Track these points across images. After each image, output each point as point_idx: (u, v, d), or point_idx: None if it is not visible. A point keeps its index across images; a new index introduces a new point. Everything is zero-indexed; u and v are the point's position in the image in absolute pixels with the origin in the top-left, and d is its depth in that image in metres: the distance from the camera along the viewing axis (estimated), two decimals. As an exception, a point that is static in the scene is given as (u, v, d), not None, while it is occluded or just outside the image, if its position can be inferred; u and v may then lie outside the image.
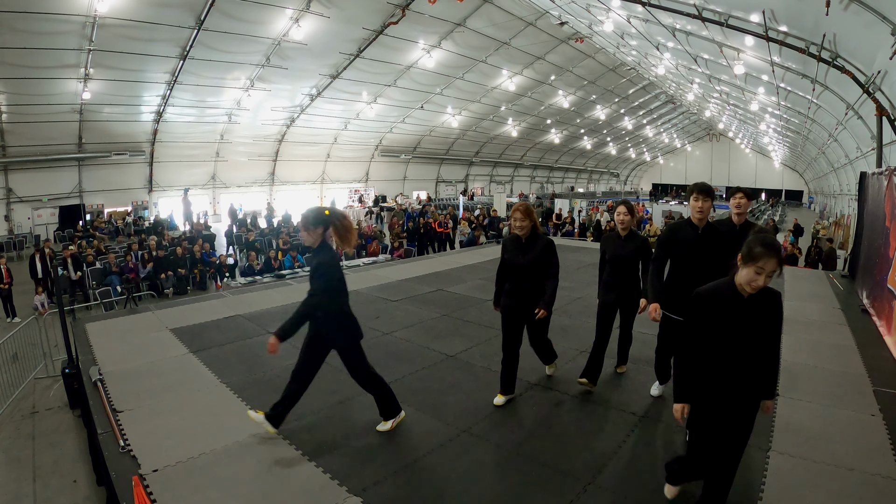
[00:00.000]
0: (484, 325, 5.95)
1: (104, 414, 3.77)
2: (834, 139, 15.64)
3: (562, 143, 36.53)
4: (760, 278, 2.16)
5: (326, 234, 3.31)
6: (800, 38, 8.95)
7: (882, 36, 6.57)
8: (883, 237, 6.51)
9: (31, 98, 14.69)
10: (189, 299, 7.97)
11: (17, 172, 17.18)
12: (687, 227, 3.48)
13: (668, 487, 2.77)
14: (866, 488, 2.87)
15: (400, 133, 26.75)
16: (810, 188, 39.98)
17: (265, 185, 24.62)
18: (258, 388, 4.23)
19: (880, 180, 7.20)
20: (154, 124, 18.58)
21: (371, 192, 28.48)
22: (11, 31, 11.86)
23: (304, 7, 14.15)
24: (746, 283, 2.20)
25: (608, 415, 3.81)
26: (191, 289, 11.86)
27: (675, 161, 52.49)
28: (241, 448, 3.32)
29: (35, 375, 6.61)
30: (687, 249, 3.45)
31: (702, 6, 9.84)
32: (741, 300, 2.27)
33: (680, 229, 3.53)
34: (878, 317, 6.06)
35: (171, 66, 15.42)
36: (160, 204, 21.15)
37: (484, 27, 17.70)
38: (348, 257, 13.53)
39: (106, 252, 12.28)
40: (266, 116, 20.78)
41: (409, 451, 3.31)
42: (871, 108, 9.06)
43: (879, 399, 3.98)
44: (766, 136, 30.81)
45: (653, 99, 31.51)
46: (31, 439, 5.13)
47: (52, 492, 4.25)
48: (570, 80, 24.81)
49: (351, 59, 17.86)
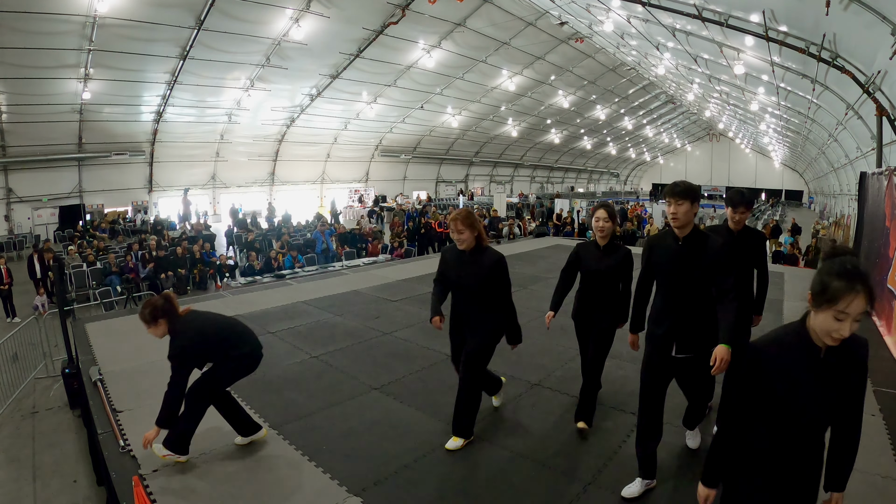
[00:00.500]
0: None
1: (104, 414, 3.77)
2: (834, 139, 15.63)
3: (562, 143, 36.52)
4: (845, 325, 1.49)
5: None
6: (800, 38, 8.95)
7: (882, 36, 6.57)
8: (883, 237, 6.51)
9: (31, 98, 14.68)
10: (189, 299, 7.98)
11: (17, 172, 17.18)
12: (668, 238, 2.83)
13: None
14: (866, 488, 2.86)
15: (400, 133, 26.74)
16: (810, 188, 39.96)
17: (265, 185, 24.62)
18: (258, 388, 4.23)
19: (880, 180, 7.20)
20: (154, 124, 18.58)
21: (371, 192, 28.48)
22: (11, 31, 11.86)
23: (304, 7, 14.15)
24: (825, 334, 1.54)
25: (608, 415, 3.81)
26: (191, 289, 11.85)
27: (675, 161, 52.46)
28: (240, 448, 3.32)
29: (35, 375, 6.61)
30: (665, 266, 2.80)
31: (702, 6, 9.84)
32: (816, 356, 1.61)
33: (659, 241, 2.90)
34: (878, 317, 6.07)
35: (171, 66, 15.42)
36: (160, 204, 21.16)
37: (484, 27, 17.70)
38: (349, 257, 13.54)
39: (106, 252, 12.29)
40: (266, 116, 20.78)
41: (409, 451, 3.31)
42: (871, 108, 9.06)
43: (879, 399, 3.98)
44: (766, 136, 30.81)
45: (653, 99, 31.50)
46: (31, 439, 5.13)
47: (52, 492, 4.25)
48: (570, 80, 24.81)
49: (351, 59, 17.86)
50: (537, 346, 5.15)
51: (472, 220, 3.19)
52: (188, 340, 2.86)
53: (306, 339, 5.51)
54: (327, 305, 6.86)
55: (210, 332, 2.94)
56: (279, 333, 5.71)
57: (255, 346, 3.16)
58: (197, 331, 2.89)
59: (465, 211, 3.27)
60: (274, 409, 3.89)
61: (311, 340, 5.47)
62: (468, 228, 3.16)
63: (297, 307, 6.81)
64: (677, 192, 2.69)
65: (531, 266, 9.42)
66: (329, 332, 5.76)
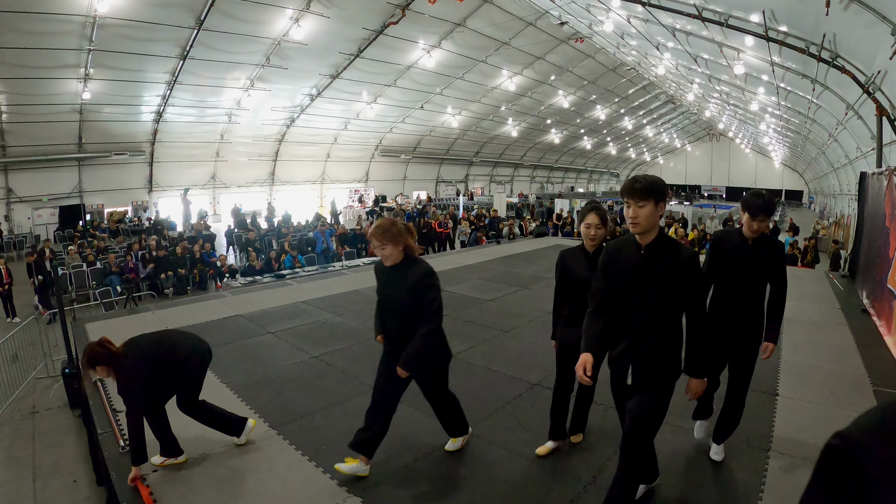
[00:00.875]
0: (484, 325, 5.95)
1: (104, 414, 3.77)
2: (834, 139, 15.64)
3: (562, 143, 36.52)
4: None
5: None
6: (800, 38, 8.95)
7: (882, 36, 6.57)
8: (883, 237, 6.51)
9: (31, 98, 14.68)
10: (189, 299, 7.98)
11: (17, 172, 17.17)
12: (628, 247, 2.31)
13: None
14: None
15: (400, 133, 26.74)
16: (810, 188, 39.96)
17: (265, 185, 24.61)
18: (258, 388, 4.23)
19: (880, 180, 7.21)
20: (154, 124, 18.57)
21: (371, 192, 28.48)
22: (11, 31, 11.85)
23: (304, 7, 14.15)
24: None
25: (608, 415, 3.80)
26: (191, 289, 11.86)
27: (675, 161, 52.46)
28: (241, 448, 3.33)
29: (35, 375, 6.61)
30: (623, 279, 2.31)
31: (702, 6, 9.84)
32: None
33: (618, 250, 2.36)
34: (878, 317, 6.06)
35: (171, 66, 15.42)
36: (160, 204, 21.16)
37: (484, 27, 17.70)
38: (348, 257, 13.54)
39: (106, 252, 12.29)
40: (266, 116, 20.77)
41: (409, 451, 3.32)
42: (871, 108, 9.06)
43: (879, 399, 3.97)
44: (766, 136, 30.81)
45: (653, 99, 31.50)
46: (31, 439, 5.13)
47: (52, 492, 4.26)
48: (570, 80, 24.81)
49: (351, 59, 17.86)
50: (537, 346, 5.15)
51: (394, 232, 2.80)
52: (127, 375, 2.90)
53: (306, 339, 5.51)
54: (327, 305, 6.86)
55: (144, 358, 2.99)
56: (279, 333, 5.71)
57: (190, 352, 3.16)
58: (132, 363, 2.93)
59: (385, 223, 2.85)
60: (274, 409, 3.89)
61: (311, 340, 5.47)
62: (390, 243, 2.79)
63: (297, 307, 6.81)
64: (636, 191, 2.13)
65: (531, 266, 9.45)
66: (329, 332, 5.76)
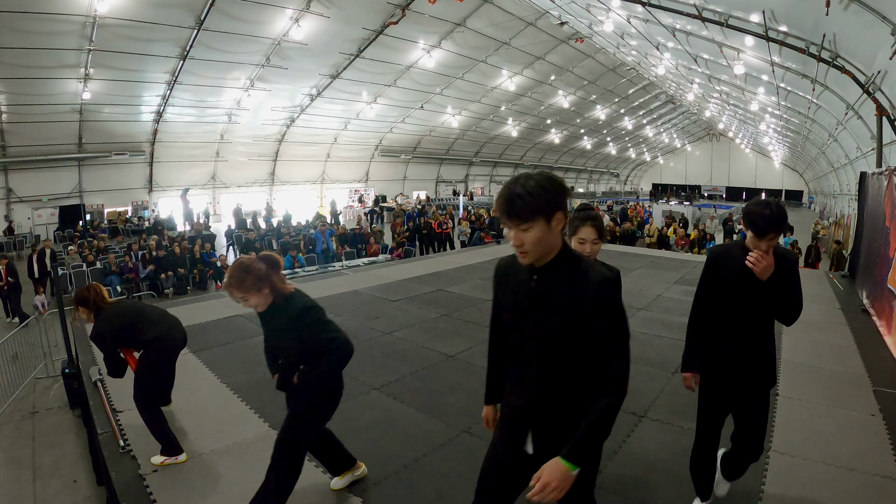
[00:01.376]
0: (484, 325, 5.92)
1: (104, 414, 3.77)
2: (834, 139, 15.64)
3: (562, 143, 36.53)
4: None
5: None
6: (800, 38, 8.95)
7: (882, 36, 6.57)
8: (883, 237, 6.51)
9: (31, 98, 14.68)
10: (189, 299, 7.98)
11: (17, 172, 17.18)
12: (520, 271, 1.71)
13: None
14: (866, 488, 2.86)
15: (400, 133, 26.75)
16: (810, 188, 39.95)
17: (265, 185, 24.62)
18: (258, 388, 4.23)
19: (880, 180, 7.20)
20: (154, 124, 18.57)
21: (371, 192, 28.49)
22: (11, 31, 11.85)
23: (304, 7, 14.15)
24: None
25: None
26: (191, 289, 11.86)
27: (675, 161, 52.46)
28: (240, 448, 3.32)
29: (35, 375, 6.61)
30: (511, 310, 1.74)
31: (702, 6, 9.84)
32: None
33: (509, 271, 1.77)
34: (878, 317, 6.06)
35: (171, 66, 15.42)
36: (160, 204, 21.16)
37: (484, 27, 17.70)
38: (349, 257, 13.54)
39: (106, 252, 12.29)
40: (266, 116, 20.78)
41: (409, 451, 3.31)
42: (871, 108, 9.06)
43: (879, 399, 3.98)
44: (766, 136, 30.80)
45: (653, 99, 31.50)
46: (31, 439, 5.13)
47: (52, 492, 4.26)
48: (570, 80, 24.81)
49: (351, 59, 17.86)
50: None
51: (252, 279, 2.31)
52: (101, 325, 3.21)
53: (306, 339, 5.49)
54: (327, 305, 6.77)
55: (118, 320, 3.25)
56: (279, 333, 5.70)
57: (161, 333, 3.28)
58: (107, 318, 3.22)
59: (238, 270, 2.32)
60: (274, 409, 3.88)
61: (311, 340, 5.46)
62: (250, 293, 2.32)
63: (297, 307, 6.79)
64: (515, 214, 1.53)
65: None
66: (329, 332, 5.74)
